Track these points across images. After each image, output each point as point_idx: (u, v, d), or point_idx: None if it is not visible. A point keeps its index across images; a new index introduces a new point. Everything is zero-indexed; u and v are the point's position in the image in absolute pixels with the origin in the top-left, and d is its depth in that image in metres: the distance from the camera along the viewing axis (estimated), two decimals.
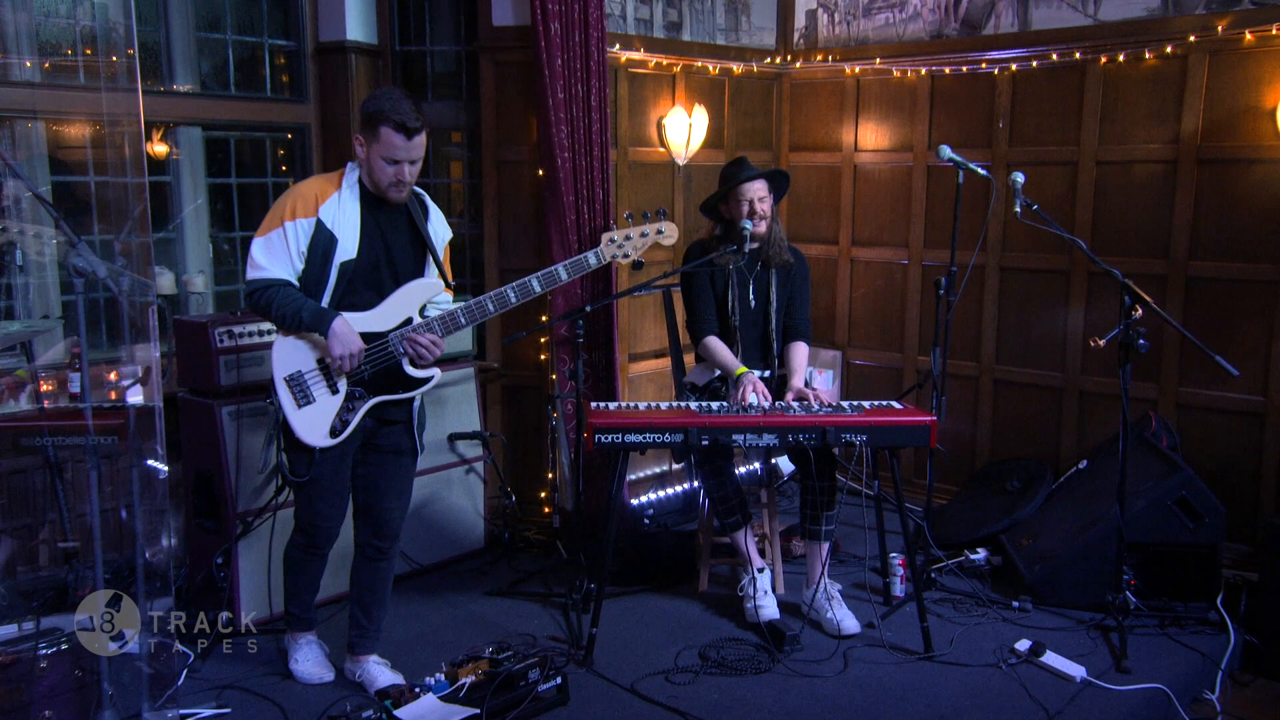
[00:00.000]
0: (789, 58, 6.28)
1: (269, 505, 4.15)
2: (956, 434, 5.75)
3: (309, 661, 3.81)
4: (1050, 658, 3.95)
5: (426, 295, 3.54)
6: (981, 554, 4.85)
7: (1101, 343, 3.90)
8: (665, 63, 5.63)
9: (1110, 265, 4.10)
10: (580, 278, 4.99)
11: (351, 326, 3.38)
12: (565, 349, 5.01)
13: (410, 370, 3.51)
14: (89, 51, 3.93)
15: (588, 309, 4.37)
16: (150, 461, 3.54)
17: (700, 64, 5.80)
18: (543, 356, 5.31)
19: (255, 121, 5.16)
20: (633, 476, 5.64)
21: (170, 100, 4.90)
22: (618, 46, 5.35)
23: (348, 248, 3.38)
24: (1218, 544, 4.34)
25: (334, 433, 3.46)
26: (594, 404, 4.18)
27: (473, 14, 5.26)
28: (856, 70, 6.05)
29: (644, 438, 3.87)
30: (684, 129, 5.63)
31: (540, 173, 5.05)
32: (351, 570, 3.77)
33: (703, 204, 4.57)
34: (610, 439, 3.86)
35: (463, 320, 3.51)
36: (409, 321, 3.49)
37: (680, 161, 5.71)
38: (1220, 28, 4.77)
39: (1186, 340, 4.31)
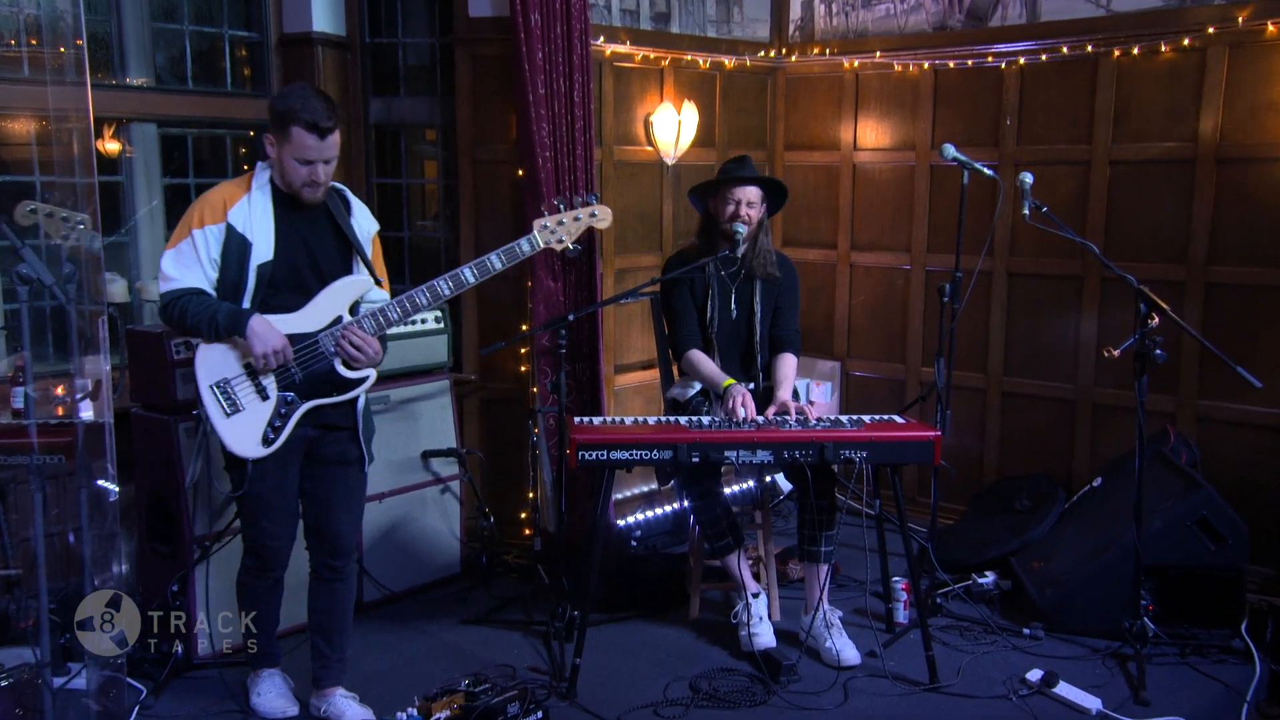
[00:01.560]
0: (784, 51, 6.28)
1: (229, 528, 4.10)
2: (962, 450, 5.74)
3: (271, 694, 3.78)
4: (1063, 689, 3.93)
5: (355, 293, 3.56)
6: (990, 577, 4.84)
7: (1116, 353, 3.91)
8: (653, 56, 5.62)
9: (1124, 270, 4.11)
10: (564, 286, 5.01)
11: (270, 323, 3.40)
12: (547, 360, 5.00)
13: (343, 371, 3.52)
14: (34, 42, 3.89)
15: (571, 318, 4.35)
16: (100, 482, 3.51)
17: (690, 57, 5.80)
18: (523, 368, 5.29)
19: (215, 118, 5.14)
20: (619, 496, 5.62)
21: (122, 95, 4.87)
22: (602, 39, 5.34)
23: (262, 250, 3.42)
24: (1241, 567, 4.33)
25: (267, 441, 3.46)
26: (577, 419, 4.17)
27: (448, 4, 5.25)
28: (855, 64, 6.05)
29: (630, 455, 3.86)
30: (673, 127, 5.63)
31: (520, 173, 5.04)
32: (308, 596, 3.75)
33: (693, 189, 4.55)
34: (594, 456, 3.85)
35: (394, 315, 3.53)
36: (339, 321, 3.51)
37: (669, 161, 5.71)
38: (1241, 19, 4.78)
39: (1206, 350, 4.31)
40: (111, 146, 4.91)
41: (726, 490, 5.32)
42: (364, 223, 3.66)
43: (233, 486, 3.53)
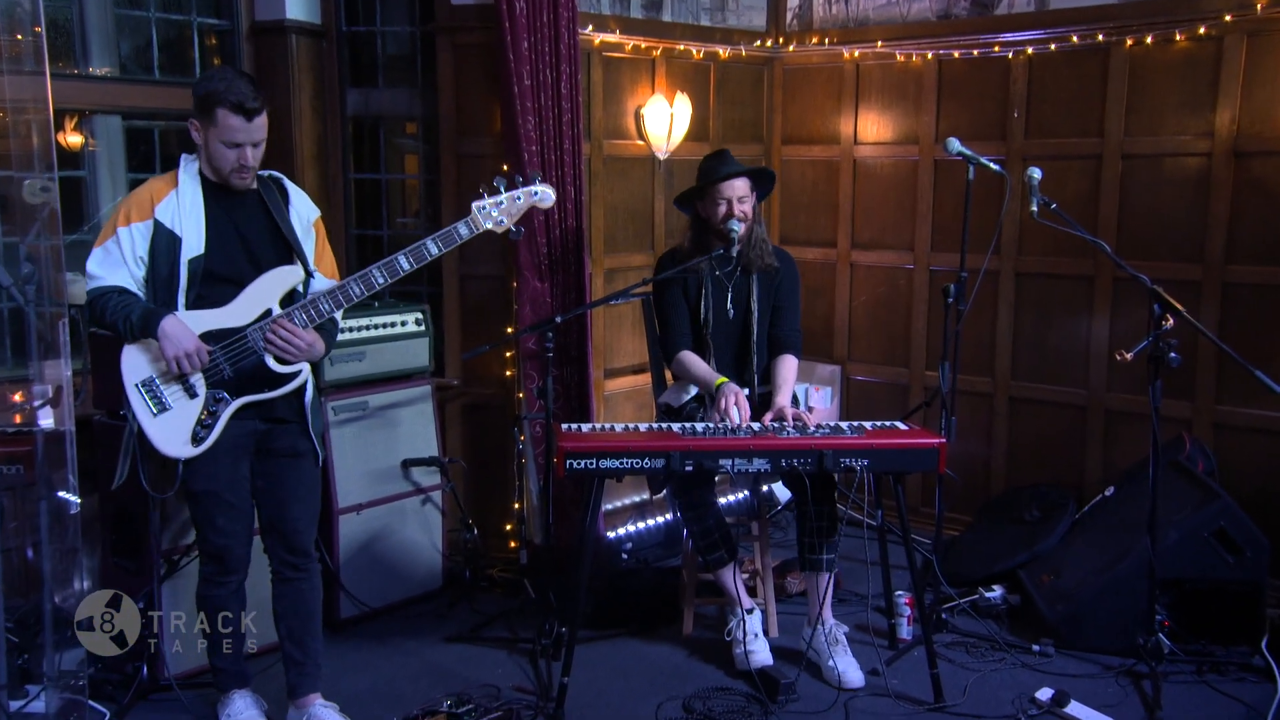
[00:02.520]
0: (781, 40, 6.28)
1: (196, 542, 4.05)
2: (968, 458, 5.73)
3: (243, 715, 3.75)
4: (1075, 708, 3.93)
5: (285, 285, 3.59)
6: (997, 592, 4.84)
7: (1129, 356, 3.90)
8: (644, 46, 5.62)
9: (1138, 270, 4.10)
10: (551, 287, 5.01)
11: (185, 324, 3.42)
12: (533, 364, 5.00)
13: (274, 366, 3.55)
14: None
15: (558, 320, 4.37)
16: (61, 494, 3.50)
17: (682, 47, 5.80)
18: (508, 373, 5.28)
19: (183, 110, 4.97)
20: (609, 506, 5.63)
21: (85, 85, 4.84)
22: (591, 28, 5.33)
23: (193, 244, 3.46)
24: (1261, 580, 4.32)
25: (196, 440, 3.49)
26: (565, 425, 4.17)
27: None
28: (856, 54, 6.05)
29: (621, 463, 3.87)
30: (665, 120, 5.63)
31: (505, 168, 5.01)
32: (273, 602, 3.77)
33: (678, 196, 4.58)
34: (583, 464, 3.86)
35: (326, 307, 3.56)
36: (268, 314, 3.54)
37: (660, 155, 5.70)
38: (1260, 6, 4.78)
39: (1223, 353, 4.30)
40: (73, 140, 4.89)
41: (721, 500, 5.34)
42: (303, 210, 3.71)
43: (151, 483, 3.55)
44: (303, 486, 3.73)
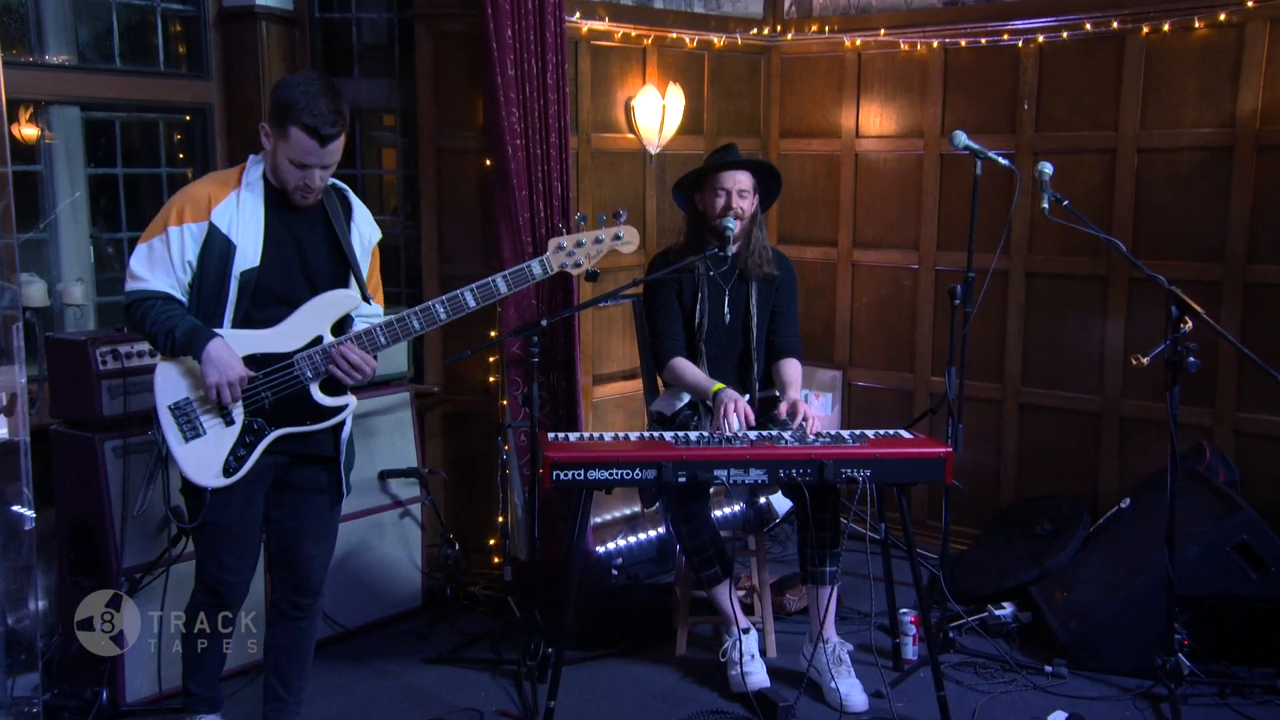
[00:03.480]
0: (779, 28, 6.28)
1: (162, 559, 4.06)
2: (977, 468, 5.74)
3: None
4: None
5: (340, 311, 3.52)
6: (1007, 609, 4.84)
7: (1145, 360, 3.90)
8: (634, 34, 5.62)
9: (1154, 270, 4.10)
10: (535, 286, 4.97)
11: (232, 349, 3.34)
12: (518, 370, 4.99)
13: (319, 397, 3.48)
14: None
15: (544, 323, 4.36)
16: (15, 508, 3.43)
17: (675, 35, 5.79)
18: (492, 379, 5.28)
19: (146, 100, 5.09)
20: (597, 520, 5.63)
21: (40, 74, 4.80)
22: (578, 15, 5.33)
23: (248, 255, 3.37)
24: None
25: (228, 471, 3.41)
26: (551, 435, 4.17)
27: None
28: (858, 43, 6.05)
29: (610, 474, 3.86)
30: (656, 112, 5.63)
31: (488, 163, 5.04)
32: (266, 633, 3.72)
33: (676, 183, 4.57)
34: (570, 476, 3.85)
35: (382, 340, 3.49)
36: (318, 341, 3.46)
37: (652, 150, 5.70)
38: None
39: (1245, 357, 4.29)
40: (28, 132, 4.87)
41: (716, 513, 5.32)
42: (365, 229, 3.63)
43: (188, 517, 3.47)
44: (323, 524, 3.67)
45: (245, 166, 3.44)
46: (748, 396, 4.45)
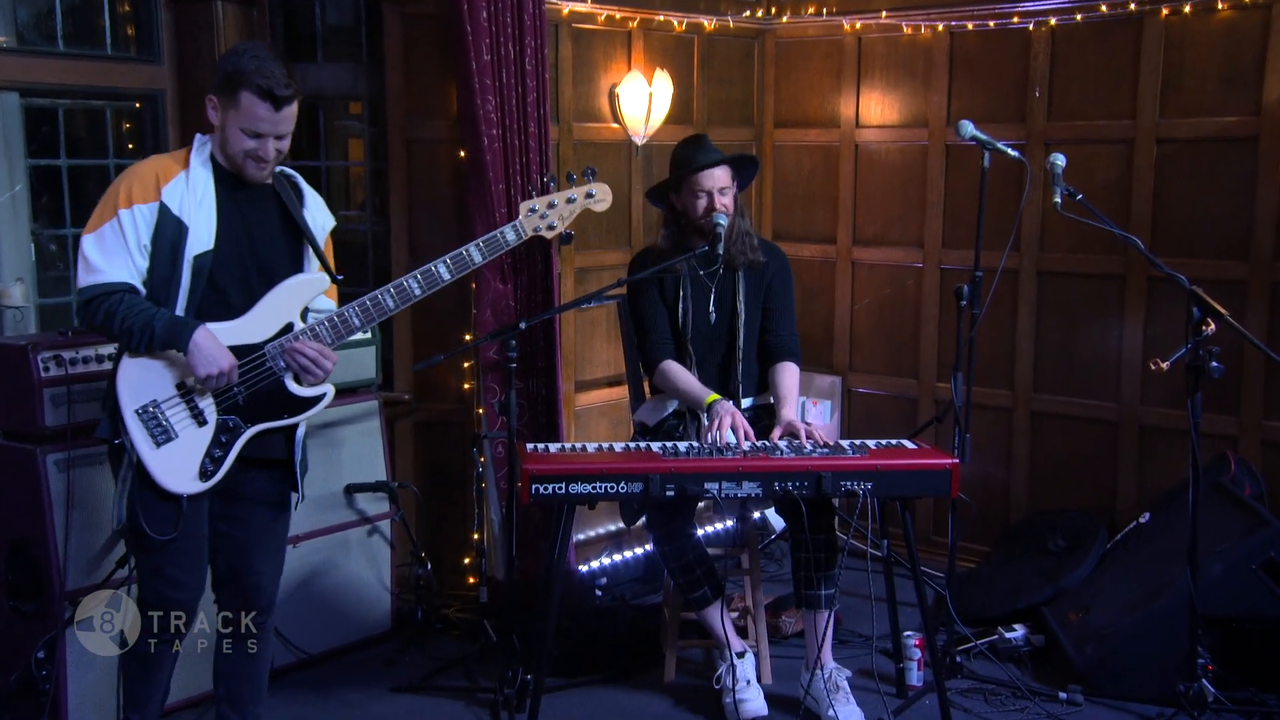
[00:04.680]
0: (773, 10, 6.29)
1: (109, 581, 4.03)
2: (985, 480, 5.74)
3: None
4: None
5: (309, 295, 3.53)
6: (1019, 632, 4.84)
7: (1165, 365, 3.90)
8: (619, 16, 5.62)
9: (1175, 268, 4.10)
10: (515, 289, 5.01)
11: (217, 338, 3.35)
12: (495, 376, 4.98)
13: (295, 389, 3.49)
14: None
15: (523, 326, 4.33)
16: None
17: (663, 18, 5.80)
18: (466, 386, 5.28)
19: (91, 86, 5.07)
20: (580, 536, 5.61)
21: None
22: None
23: (202, 238, 3.36)
24: None
25: (204, 475, 3.41)
26: (530, 445, 4.17)
27: None
28: (858, 25, 6.05)
29: (593, 488, 3.86)
30: (643, 100, 5.62)
31: (462, 154, 5.03)
32: (215, 660, 3.70)
33: (650, 190, 4.60)
34: (551, 489, 3.85)
35: (356, 321, 3.50)
36: (289, 328, 3.47)
37: (638, 140, 5.70)
38: None
39: (1272, 362, 4.30)
40: None
41: (707, 529, 5.32)
42: (319, 216, 3.65)
43: (148, 524, 3.41)
44: (273, 537, 3.67)
45: (193, 146, 3.44)
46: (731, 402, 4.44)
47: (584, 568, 5.42)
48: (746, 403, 4.53)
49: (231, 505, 3.56)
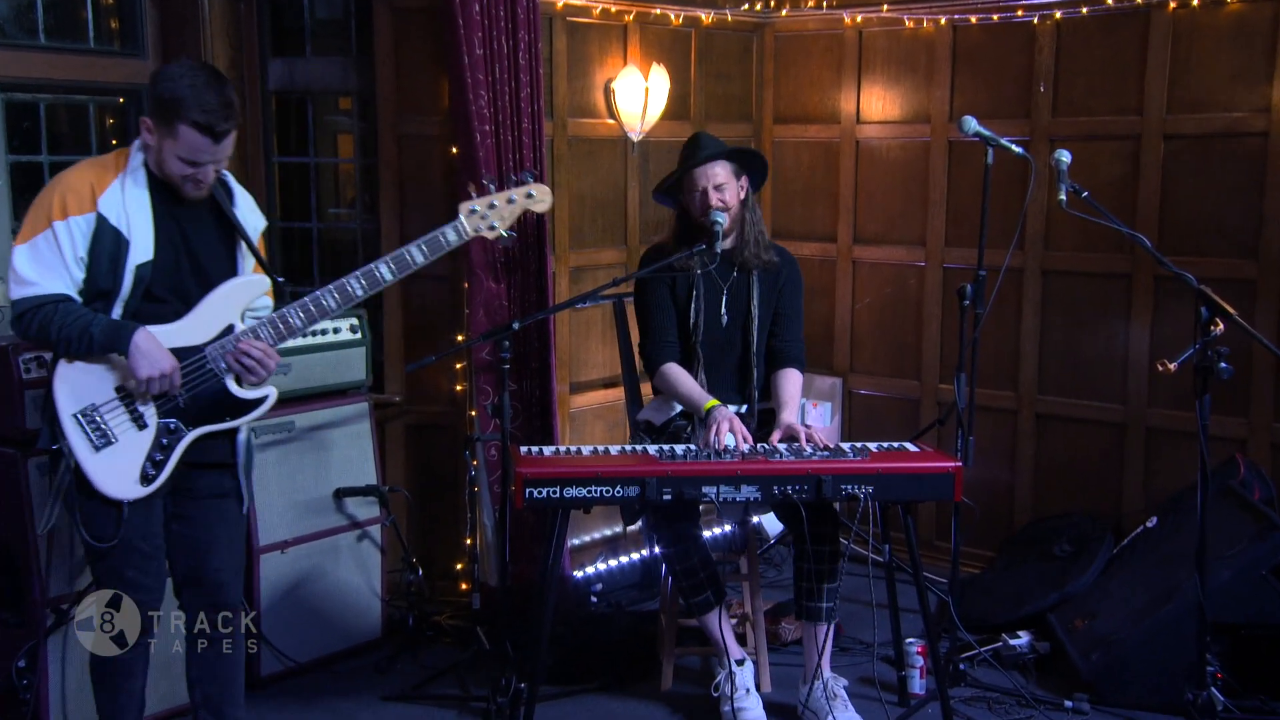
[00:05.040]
0: (773, 3, 6.27)
1: (91, 588, 3.92)
2: (989, 484, 5.73)
3: None
4: None
5: (249, 296, 3.57)
6: (1023, 638, 4.84)
7: (1173, 366, 3.90)
8: (614, 10, 5.61)
9: (1182, 267, 4.09)
10: (508, 288, 5.00)
11: (157, 340, 3.37)
12: (488, 378, 4.98)
13: (237, 390, 3.51)
14: None
15: (516, 326, 4.35)
16: None
17: (659, 11, 5.80)
18: (459, 387, 5.28)
19: (74, 81, 5.06)
20: (575, 541, 5.60)
21: None
22: None
23: (142, 247, 3.39)
24: None
25: (146, 479, 3.43)
26: (524, 448, 4.17)
27: None
28: (859, 19, 6.06)
29: (588, 492, 3.87)
30: (639, 95, 5.62)
31: (454, 151, 5.04)
32: (188, 667, 3.71)
33: (656, 187, 4.61)
34: (545, 493, 3.85)
35: (298, 322, 3.52)
36: (230, 330, 3.50)
37: (634, 136, 5.69)
38: None
39: None
40: None
41: (705, 534, 5.30)
42: (250, 218, 3.67)
43: (89, 529, 3.44)
44: (228, 531, 3.68)
45: (128, 153, 3.44)
46: (745, 407, 4.46)
47: (579, 573, 5.42)
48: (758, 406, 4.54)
49: (184, 503, 3.59)
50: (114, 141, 5.21)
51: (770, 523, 5.64)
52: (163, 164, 3.38)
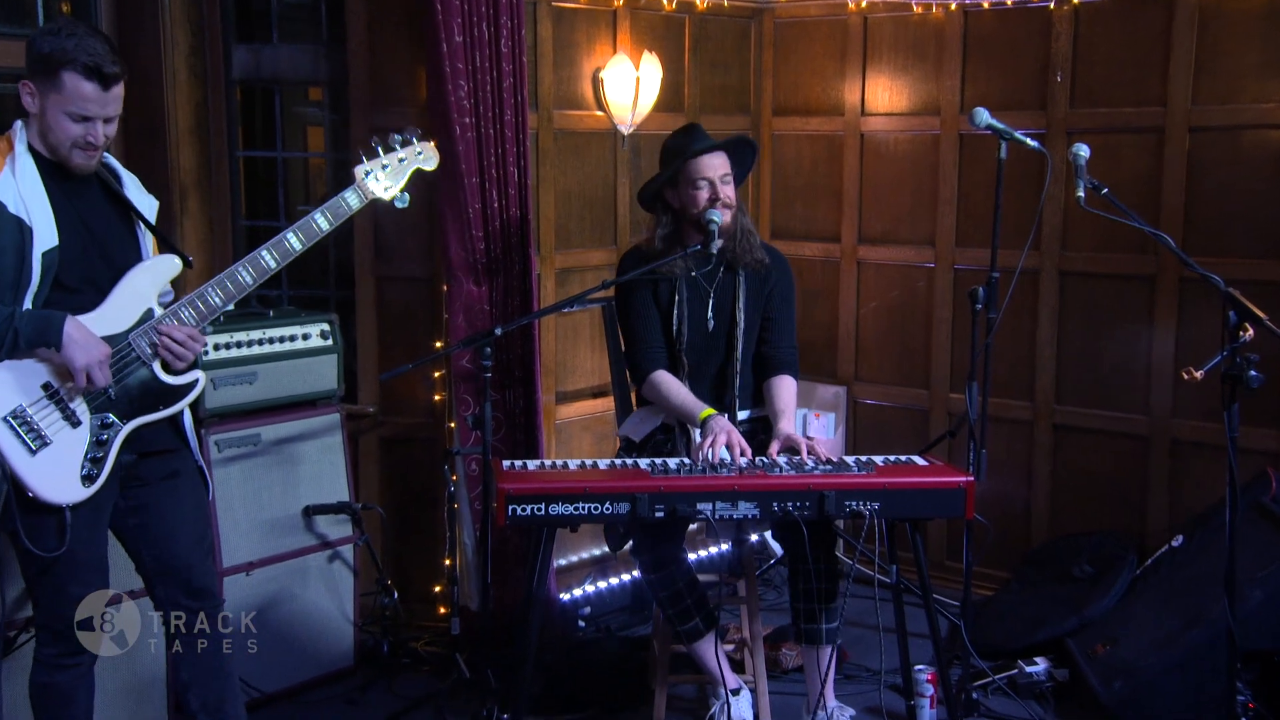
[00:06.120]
0: None
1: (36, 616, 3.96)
2: (1004, 500, 5.74)
3: None
4: None
5: (164, 278, 3.63)
6: (1041, 665, 4.85)
7: (1199, 374, 3.86)
8: None
9: (1209, 269, 4.07)
10: (490, 291, 5.01)
11: (87, 328, 3.39)
12: (468, 387, 4.99)
13: (165, 377, 3.55)
14: None
15: (498, 331, 4.33)
16: None
17: None
18: (437, 397, 5.29)
19: (22, 69, 4.96)
20: (561, 562, 5.62)
21: None
22: None
23: (45, 234, 3.39)
24: None
25: (89, 479, 3.43)
26: (507, 463, 4.16)
27: None
28: (864, 4, 6.07)
29: (575, 509, 3.86)
30: (629, 85, 5.62)
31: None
32: (170, 670, 3.80)
33: (641, 190, 4.59)
34: (529, 511, 3.84)
35: (217, 300, 3.58)
36: (149, 315, 3.54)
37: (625, 130, 5.70)
38: None
39: None
40: None
41: (700, 554, 5.31)
42: (142, 200, 3.72)
43: (31, 540, 3.39)
44: (187, 511, 3.69)
45: (12, 135, 3.46)
46: (726, 416, 4.43)
47: (566, 596, 5.42)
48: (742, 415, 4.53)
49: (134, 494, 3.61)
50: None
51: (774, 541, 5.64)
52: (48, 132, 3.40)
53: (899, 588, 4.55)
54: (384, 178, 3.89)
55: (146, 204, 3.70)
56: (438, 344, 5.13)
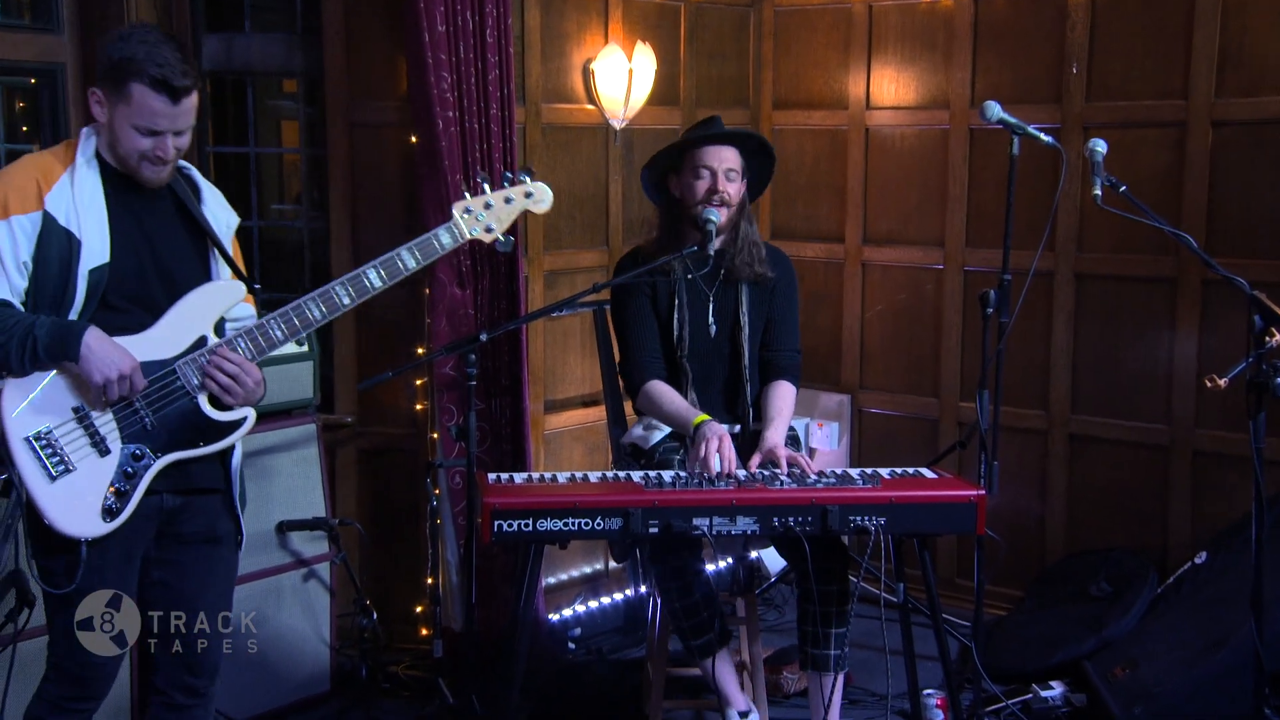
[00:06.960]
0: None
1: (24, 631, 3.90)
2: (1017, 514, 5.75)
3: None
4: None
5: (223, 304, 3.52)
6: (1057, 689, 4.86)
7: (1222, 382, 3.88)
8: None
9: (1234, 271, 4.08)
10: (475, 295, 5.02)
11: (111, 339, 3.30)
12: (452, 396, 5.01)
13: (210, 412, 3.45)
14: None
15: (483, 337, 4.34)
16: None
17: None
18: (419, 406, 5.30)
19: (14, 61, 5.07)
20: (550, 580, 5.62)
21: None
22: None
23: (96, 249, 3.32)
24: None
25: (109, 514, 3.34)
26: (492, 476, 4.15)
27: None
28: None
29: (565, 525, 3.85)
30: (622, 77, 5.63)
31: (413, 139, 5.05)
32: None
33: (648, 163, 4.56)
34: (516, 526, 3.83)
35: (279, 335, 3.48)
36: (202, 342, 3.45)
37: (617, 124, 5.71)
38: None
39: None
40: None
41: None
42: (221, 215, 3.63)
43: (42, 574, 3.38)
44: (219, 584, 3.64)
45: (77, 142, 3.41)
46: (739, 428, 4.45)
47: (554, 617, 5.43)
48: (757, 427, 4.51)
49: (170, 549, 3.53)
50: (24, 128, 5.22)
51: (770, 558, 5.64)
52: (117, 143, 3.34)
53: (906, 607, 4.56)
54: (486, 217, 3.74)
55: (225, 219, 3.63)
56: (419, 350, 5.13)
